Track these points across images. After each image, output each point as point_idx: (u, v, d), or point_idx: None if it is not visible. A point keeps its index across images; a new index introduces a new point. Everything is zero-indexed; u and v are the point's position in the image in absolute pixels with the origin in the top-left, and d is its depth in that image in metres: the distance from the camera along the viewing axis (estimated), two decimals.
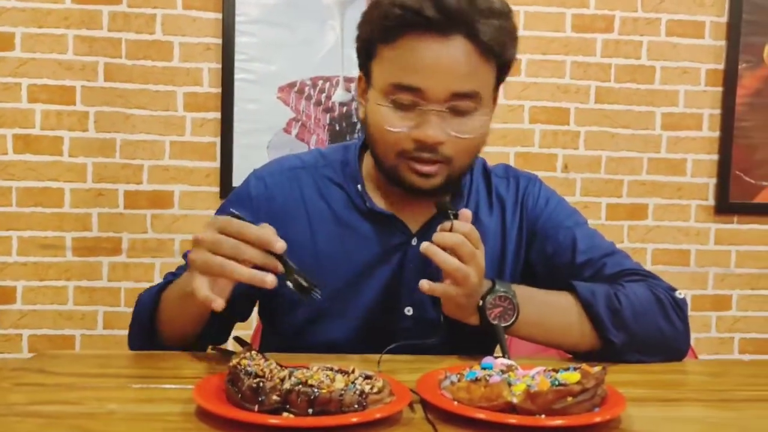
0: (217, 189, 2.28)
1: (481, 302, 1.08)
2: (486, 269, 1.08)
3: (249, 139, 2.28)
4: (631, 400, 0.89)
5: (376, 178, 1.20)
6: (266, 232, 0.95)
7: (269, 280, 0.93)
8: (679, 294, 1.17)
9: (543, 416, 0.82)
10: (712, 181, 2.46)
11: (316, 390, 0.81)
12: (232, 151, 2.27)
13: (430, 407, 0.86)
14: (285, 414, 0.79)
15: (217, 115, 2.27)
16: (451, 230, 1.03)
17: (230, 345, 1.13)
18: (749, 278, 2.49)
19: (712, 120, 2.45)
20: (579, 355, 1.15)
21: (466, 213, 1.06)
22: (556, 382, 0.86)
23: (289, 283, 0.96)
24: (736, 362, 1.75)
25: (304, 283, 0.97)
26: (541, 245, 1.24)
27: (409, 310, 1.18)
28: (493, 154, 2.36)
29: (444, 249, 1.02)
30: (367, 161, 1.21)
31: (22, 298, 2.23)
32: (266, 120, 2.29)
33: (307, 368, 0.91)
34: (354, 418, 0.78)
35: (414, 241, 1.17)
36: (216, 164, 2.28)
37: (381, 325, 1.18)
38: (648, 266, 2.42)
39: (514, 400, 0.84)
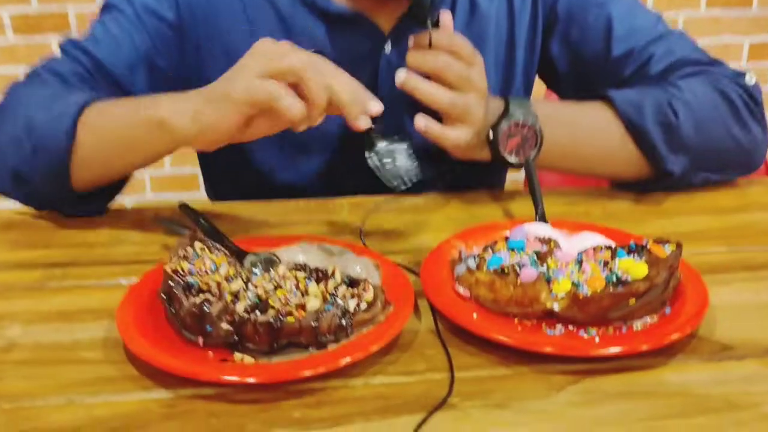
0: None
1: (491, 134, 0.81)
2: (489, 76, 0.80)
3: None
4: (707, 273, 0.67)
5: None
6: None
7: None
8: (750, 80, 0.90)
9: (595, 336, 0.60)
10: None
11: (280, 317, 0.58)
12: None
13: (441, 315, 0.64)
14: (237, 355, 0.57)
15: None
16: (430, 45, 0.75)
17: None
18: None
19: None
20: (624, 184, 0.90)
21: (446, 18, 0.77)
22: (614, 278, 0.62)
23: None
24: None
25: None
26: (564, 31, 0.94)
27: None
28: None
29: (425, 75, 0.76)
30: None
31: None
32: None
33: (274, 261, 0.68)
34: (342, 360, 0.56)
35: (387, 48, 0.88)
36: None
37: (352, 160, 0.91)
38: (701, 10, 2.05)
39: (556, 308, 0.61)
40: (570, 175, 0.90)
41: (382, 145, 0.71)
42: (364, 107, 0.68)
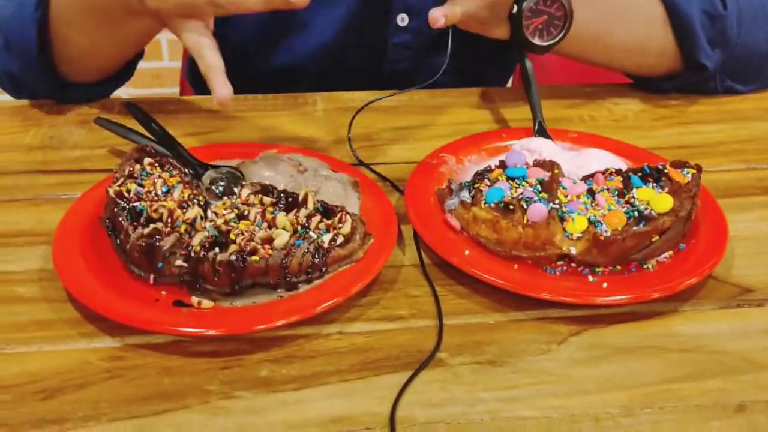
0: None
1: (515, 7, 0.70)
2: None
3: None
4: (723, 197, 0.60)
5: None
6: None
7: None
8: None
9: (601, 281, 0.53)
10: None
11: (243, 257, 0.50)
12: None
13: (428, 250, 0.56)
14: (194, 299, 0.50)
15: None
16: None
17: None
18: None
19: None
20: (643, 81, 0.81)
21: None
22: (635, 213, 0.54)
23: None
24: None
25: None
26: None
27: (403, 19, 0.81)
28: None
29: None
30: None
31: None
32: None
33: (238, 178, 0.59)
34: (316, 308, 0.48)
35: None
36: None
37: (363, 40, 0.82)
38: None
39: (573, 251, 0.54)
40: (592, 65, 0.80)
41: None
42: None
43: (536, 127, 0.69)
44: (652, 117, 0.78)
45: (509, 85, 1.01)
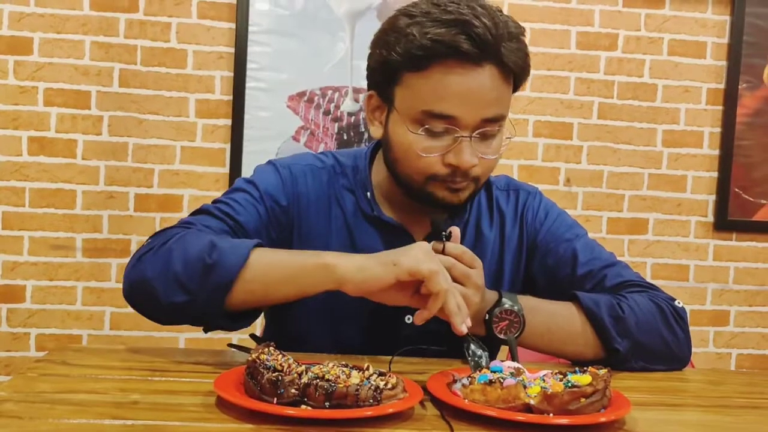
0: None
1: (487, 316, 1.12)
2: (485, 281, 1.12)
3: (258, 146, 2.32)
4: (635, 404, 0.93)
5: (385, 187, 1.24)
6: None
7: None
8: (679, 303, 1.21)
9: (551, 415, 0.86)
10: (712, 198, 2.51)
11: (333, 384, 0.84)
12: (241, 158, 2.31)
13: (443, 405, 0.89)
14: (303, 407, 0.83)
15: (228, 122, 2.32)
16: (443, 251, 1.08)
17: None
18: (747, 295, 2.53)
19: (713, 138, 2.50)
20: (583, 364, 1.18)
21: (455, 232, 1.11)
22: (569, 384, 0.89)
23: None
24: (734, 372, 1.79)
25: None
26: (542, 258, 1.27)
27: (409, 319, 1.20)
28: (497, 166, 2.40)
29: None
30: (377, 170, 1.25)
31: (32, 297, 2.26)
32: (276, 127, 2.33)
33: (323, 364, 0.95)
34: (369, 412, 0.82)
35: None
36: (225, 170, 2.33)
37: (383, 331, 1.21)
38: (648, 280, 2.47)
39: (531, 402, 0.87)
40: (543, 353, 1.18)
41: (473, 347, 1.04)
42: (463, 319, 1.01)
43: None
44: None
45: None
